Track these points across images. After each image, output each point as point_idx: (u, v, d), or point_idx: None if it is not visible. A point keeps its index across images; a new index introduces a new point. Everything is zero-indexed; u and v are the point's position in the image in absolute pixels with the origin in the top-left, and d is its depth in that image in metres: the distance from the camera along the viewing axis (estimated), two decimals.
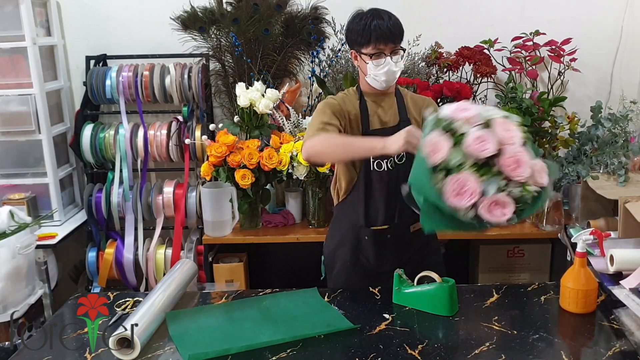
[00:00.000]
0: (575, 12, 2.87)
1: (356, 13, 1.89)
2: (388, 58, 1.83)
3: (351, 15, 1.89)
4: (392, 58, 1.84)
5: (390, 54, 1.84)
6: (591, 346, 1.56)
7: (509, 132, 1.42)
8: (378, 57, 1.83)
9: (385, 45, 1.83)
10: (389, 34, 1.82)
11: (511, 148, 1.40)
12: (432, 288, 1.73)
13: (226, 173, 2.56)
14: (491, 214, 1.39)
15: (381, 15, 1.83)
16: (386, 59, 1.83)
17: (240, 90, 2.55)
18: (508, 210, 1.39)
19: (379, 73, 1.85)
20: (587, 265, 1.71)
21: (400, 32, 1.85)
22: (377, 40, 1.82)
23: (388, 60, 1.84)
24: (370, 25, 1.81)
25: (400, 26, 1.85)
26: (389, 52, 1.84)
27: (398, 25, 1.85)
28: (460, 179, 1.37)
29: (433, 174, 1.42)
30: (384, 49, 1.83)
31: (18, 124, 2.77)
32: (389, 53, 1.84)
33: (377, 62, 1.84)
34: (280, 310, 1.79)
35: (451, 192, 1.38)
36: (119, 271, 2.94)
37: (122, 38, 3.01)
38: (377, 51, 1.83)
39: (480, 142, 1.38)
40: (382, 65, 1.84)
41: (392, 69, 1.85)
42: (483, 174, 1.38)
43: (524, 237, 2.66)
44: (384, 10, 1.86)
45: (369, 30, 1.81)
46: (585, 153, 2.45)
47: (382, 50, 1.83)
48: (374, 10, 1.85)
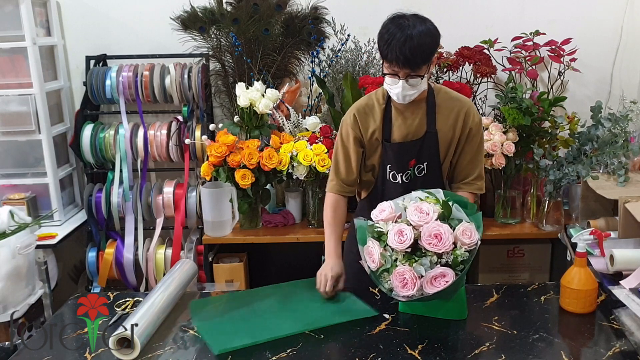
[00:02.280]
0: (575, 12, 2.87)
1: (393, 17, 1.74)
2: (402, 81, 1.74)
3: (388, 17, 1.74)
4: (408, 81, 1.74)
5: (406, 78, 1.73)
6: (591, 346, 1.56)
7: (421, 213, 1.56)
8: (392, 77, 1.76)
9: (400, 69, 1.72)
10: (403, 60, 1.68)
11: (426, 227, 1.54)
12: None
13: (226, 173, 2.56)
14: (434, 285, 1.53)
15: (406, 35, 1.66)
16: (399, 82, 1.74)
17: (240, 90, 2.55)
18: (449, 276, 1.52)
19: (392, 92, 1.80)
20: (587, 265, 1.71)
21: (423, 58, 1.70)
22: (391, 62, 1.72)
23: (401, 83, 1.74)
24: (390, 44, 1.68)
25: (424, 52, 1.69)
26: (404, 76, 1.73)
27: (421, 51, 1.67)
28: (399, 273, 1.54)
29: (379, 277, 1.61)
30: (398, 72, 1.73)
31: (18, 124, 2.77)
32: (403, 77, 1.73)
33: (392, 81, 1.77)
34: (300, 299, 1.83)
35: (398, 287, 1.55)
36: (119, 271, 2.94)
37: (122, 38, 3.01)
38: (392, 72, 1.75)
39: (399, 235, 1.55)
40: (395, 86, 1.76)
41: (406, 93, 1.76)
42: (414, 260, 1.54)
43: (524, 237, 2.66)
44: (417, 25, 1.67)
45: (387, 49, 1.69)
46: (585, 153, 2.45)
47: (397, 72, 1.73)
48: (402, 26, 1.68)
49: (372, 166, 1.97)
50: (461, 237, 1.54)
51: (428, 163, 1.91)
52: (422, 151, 1.89)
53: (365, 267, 1.65)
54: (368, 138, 1.92)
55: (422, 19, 1.72)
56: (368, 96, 1.96)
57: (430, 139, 1.88)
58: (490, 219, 2.71)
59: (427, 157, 1.90)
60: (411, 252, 1.56)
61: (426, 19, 1.74)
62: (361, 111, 1.92)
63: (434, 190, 1.66)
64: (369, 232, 1.65)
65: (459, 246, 1.54)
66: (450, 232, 1.53)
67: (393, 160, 1.91)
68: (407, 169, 1.91)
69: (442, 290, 1.52)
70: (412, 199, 1.65)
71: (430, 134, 1.87)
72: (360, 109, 1.93)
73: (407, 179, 1.92)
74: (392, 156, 1.91)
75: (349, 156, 1.94)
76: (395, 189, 1.92)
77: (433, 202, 1.60)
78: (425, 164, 1.91)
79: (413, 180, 1.92)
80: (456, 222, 1.57)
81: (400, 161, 1.91)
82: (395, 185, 1.93)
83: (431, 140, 1.88)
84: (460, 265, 1.54)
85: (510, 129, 2.52)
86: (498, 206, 2.70)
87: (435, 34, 1.73)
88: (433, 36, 1.72)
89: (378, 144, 1.92)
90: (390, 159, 1.92)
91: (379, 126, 1.89)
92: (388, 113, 1.89)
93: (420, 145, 1.88)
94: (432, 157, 1.90)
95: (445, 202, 1.60)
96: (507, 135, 2.51)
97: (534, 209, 2.66)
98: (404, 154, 1.90)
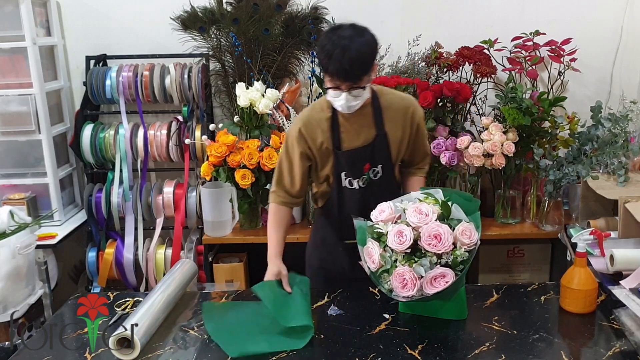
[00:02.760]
0: (575, 12, 2.87)
1: (330, 29, 1.74)
2: (345, 94, 1.74)
3: (325, 30, 1.74)
4: (351, 93, 1.74)
5: (349, 90, 1.73)
6: (591, 346, 1.56)
7: (421, 215, 1.56)
8: (335, 90, 1.75)
9: (341, 82, 1.72)
10: (344, 75, 1.69)
11: (426, 227, 1.54)
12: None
13: (226, 173, 2.56)
14: (434, 286, 1.53)
15: (344, 49, 1.65)
16: (342, 94, 1.74)
17: (240, 90, 2.55)
18: (449, 277, 1.52)
19: (336, 104, 1.80)
20: (587, 265, 1.71)
21: (363, 70, 1.70)
22: (332, 76, 1.71)
23: (344, 95, 1.74)
24: (329, 58, 1.67)
25: (363, 64, 1.69)
26: (346, 89, 1.73)
27: (360, 63, 1.68)
28: (399, 273, 1.54)
29: (379, 277, 1.61)
30: (340, 85, 1.72)
31: (18, 124, 2.77)
32: (345, 89, 1.73)
33: (335, 94, 1.76)
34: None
35: (398, 287, 1.55)
36: (119, 271, 2.94)
37: (122, 38, 3.01)
38: (334, 85, 1.74)
39: (399, 236, 1.55)
40: (339, 98, 1.76)
41: (350, 104, 1.76)
42: (414, 261, 1.54)
43: (524, 237, 2.66)
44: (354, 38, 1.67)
45: (327, 63, 1.68)
46: (585, 153, 2.45)
47: (339, 85, 1.73)
48: (340, 40, 1.66)
49: (327, 176, 1.96)
50: (461, 237, 1.54)
51: (383, 165, 1.92)
52: (374, 155, 1.90)
53: (365, 267, 1.65)
54: (317, 149, 1.90)
55: (359, 30, 1.71)
56: (312, 107, 1.95)
57: (381, 142, 1.89)
58: (490, 219, 2.71)
59: (381, 159, 1.91)
60: (411, 253, 1.56)
61: (364, 29, 1.72)
62: (307, 124, 1.90)
63: (432, 190, 1.67)
64: (369, 232, 1.65)
65: (458, 246, 1.54)
66: (449, 232, 1.53)
67: (347, 167, 1.91)
68: (362, 173, 1.91)
69: (442, 290, 1.52)
70: (411, 199, 1.65)
71: (380, 137, 1.88)
72: (306, 122, 1.90)
73: (364, 183, 1.93)
74: (345, 164, 1.91)
75: (292, 169, 1.94)
76: (352, 195, 1.94)
77: (432, 203, 1.60)
78: (380, 167, 1.92)
79: (370, 184, 1.93)
80: (455, 222, 1.57)
81: (354, 167, 1.91)
82: (352, 191, 1.94)
83: (382, 143, 1.89)
84: (460, 265, 1.54)
85: (510, 129, 2.52)
86: (498, 206, 2.70)
87: (372, 44, 1.72)
88: (371, 47, 1.71)
89: (329, 154, 1.91)
90: (343, 167, 1.92)
91: (327, 136, 1.88)
92: (335, 122, 1.88)
93: (372, 149, 1.89)
94: (385, 158, 1.92)
95: (445, 203, 1.60)
96: (507, 135, 2.50)
97: (534, 209, 2.66)
98: (357, 160, 1.90)
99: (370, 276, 1.65)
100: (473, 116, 2.83)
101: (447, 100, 2.67)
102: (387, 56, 2.82)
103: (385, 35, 2.83)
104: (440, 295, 1.55)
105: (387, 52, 2.82)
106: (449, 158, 2.53)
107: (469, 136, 2.58)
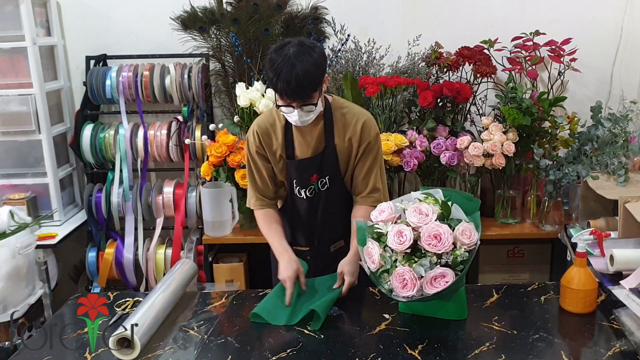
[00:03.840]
0: (575, 12, 2.87)
1: (277, 47, 1.69)
2: (297, 110, 1.73)
3: (273, 48, 1.70)
4: (303, 109, 1.73)
5: (300, 107, 1.72)
6: (591, 346, 1.56)
7: (421, 215, 1.56)
8: (287, 107, 1.74)
9: (292, 101, 1.71)
10: (293, 95, 1.68)
11: (425, 227, 1.54)
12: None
13: (226, 173, 2.56)
14: (434, 286, 1.53)
15: (292, 68, 1.63)
16: (295, 111, 1.73)
17: (240, 90, 2.55)
18: (449, 277, 1.52)
19: (290, 119, 1.80)
20: (587, 265, 1.71)
21: (312, 89, 1.69)
22: (281, 95, 1.70)
23: (296, 112, 1.73)
24: (278, 78, 1.65)
25: (312, 82, 1.67)
26: (298, 106, 1.72)
27: (308, 82, 1.66)
28: (399, 273, 1.54)
29: (378, 277, 1.61)
30: (291, 103, 1.72)
31: (18, 124, 2.77)
32: (297, 107, 1.72)
33: (287, 110, 1.75)
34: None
35: (398, 287, 1.55)
36: (119, 271, 2.94)
37: (122, 38, 3.01)
38: (285, 104, 1.73)
39: (399, 236, 1.55)
40: (292, 114, 1.75)
41: (303, 119, 1.76)
42: (414, 261, 1.54)
43: (524, 237, 2.66)
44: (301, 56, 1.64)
45: (276, 82, 1.67)
46: (585, 153, 2.45)
47: (290, 103, 1.72)
48: (287, 57, 1.64)
49: (282, 182, 1.99)
50: (461, 237, 1.54)
51: (330, 177, 1.93)
52: (322, 166, 1.91)
53: (365, 268, 1.65)
54: (272, 155, 1.93)
55: (307, 47, 1.68)
56: (270, 113, 1.94)
57: (330, 154, 1.89)
58: (491, 219, 2.71)
59: (329, 171, 1.92)
60: (411, 253, 1.56)
61: (312, 46, 1.70)
62: (263, 130, 1.91)
63: (432, 190, 1.67)
64: (369, 233, 1.65)
65: (458, 246, 1.54)
66: (449, 232, 1.53)
67: (296, 176, 1.93)
68: (309, 184, 1.92)
69: (442, 290, 1.52)
70: (411, 200, 1.65)
71: (329, 149, 1.89)
72: (262, 127, 1.91)
73: (311, 193, 1.94)
74: (294, 172, 1.93)
75: (260, 172, 1.96)
76: (301, 204, 1.97)
77: (432, 203, 1.60)
78: (327, 178, 1.93)
79: (317, 194, 1.94)
80: (455, 222, 1.57)
81: (302, 177, 1.93)
82: (301, 200, 1.96)
83: (330, 155, 1.90)
84: (460, 265, 1.54)
85: (510, 129, 2.52)
86: (498, 206, 2.70)
87: (320, 62, 1.70)
88: (318, 65, 1.69)
89: (282, 161, 1.93)
90: (293, 175, 1.94)
91: (281, 144, 1.90)
92: (289, 131, 1.90)
93: (320, 160, 1.90)
94: (333, 171, 1.92)
95: (445, 203, 1.60)
96: (507, 135, 2.51)
97: (534, 209, 2.66)
98: (304, 170, 1.91)
99: (370, 276, 1.65)
100: (473, 116, 2.83)
101: (447, 100, 2.68)
102: (387, 56, 2.82)
103: (385, 35, 2.85)
104: (440, 295, 1.55)
105: (387, 52, 2.82)
106: (449, 158, 2.53)
107: (469, 136, 2.58)
